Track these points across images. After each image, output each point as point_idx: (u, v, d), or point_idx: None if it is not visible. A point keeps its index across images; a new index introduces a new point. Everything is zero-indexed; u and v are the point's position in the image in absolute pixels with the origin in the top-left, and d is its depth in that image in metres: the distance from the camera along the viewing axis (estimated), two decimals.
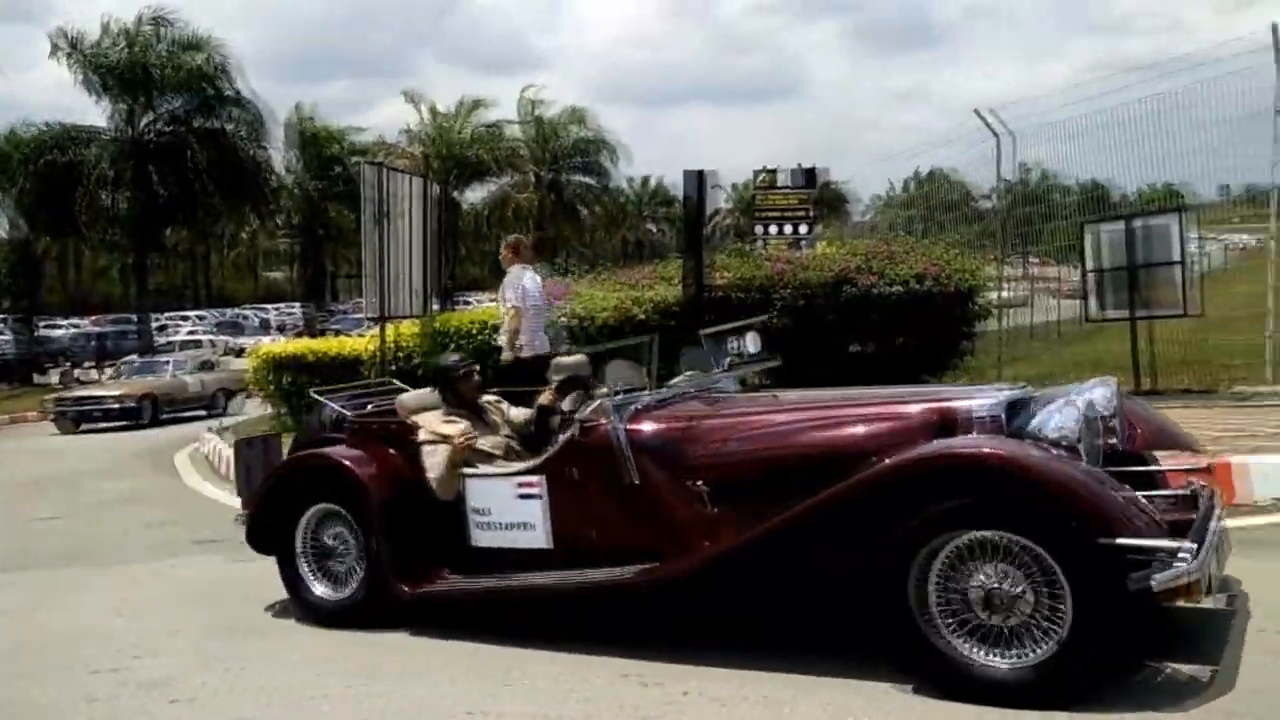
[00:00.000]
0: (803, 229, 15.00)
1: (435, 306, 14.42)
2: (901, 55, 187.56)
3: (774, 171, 15.54)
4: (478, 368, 5.65)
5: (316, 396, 5.95)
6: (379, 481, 4.98)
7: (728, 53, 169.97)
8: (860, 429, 4.07)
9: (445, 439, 4.89)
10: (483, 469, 4.86)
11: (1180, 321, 11.39)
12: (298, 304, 50.44)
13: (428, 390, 5.56)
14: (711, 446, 4.29)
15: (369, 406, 5.83)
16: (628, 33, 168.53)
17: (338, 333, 27.31)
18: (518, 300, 8.66)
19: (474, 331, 11.40)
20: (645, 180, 72.33)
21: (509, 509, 4.69)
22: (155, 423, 19.78)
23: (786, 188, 15.42)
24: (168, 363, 22.90)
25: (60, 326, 47.00)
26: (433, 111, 40.41)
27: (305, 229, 41.63)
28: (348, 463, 5.09)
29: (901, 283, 10.18)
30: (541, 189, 44.24)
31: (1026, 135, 13.04)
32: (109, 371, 25.15)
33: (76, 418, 19.98)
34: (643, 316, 10.31)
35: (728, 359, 5.24)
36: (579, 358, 5.31)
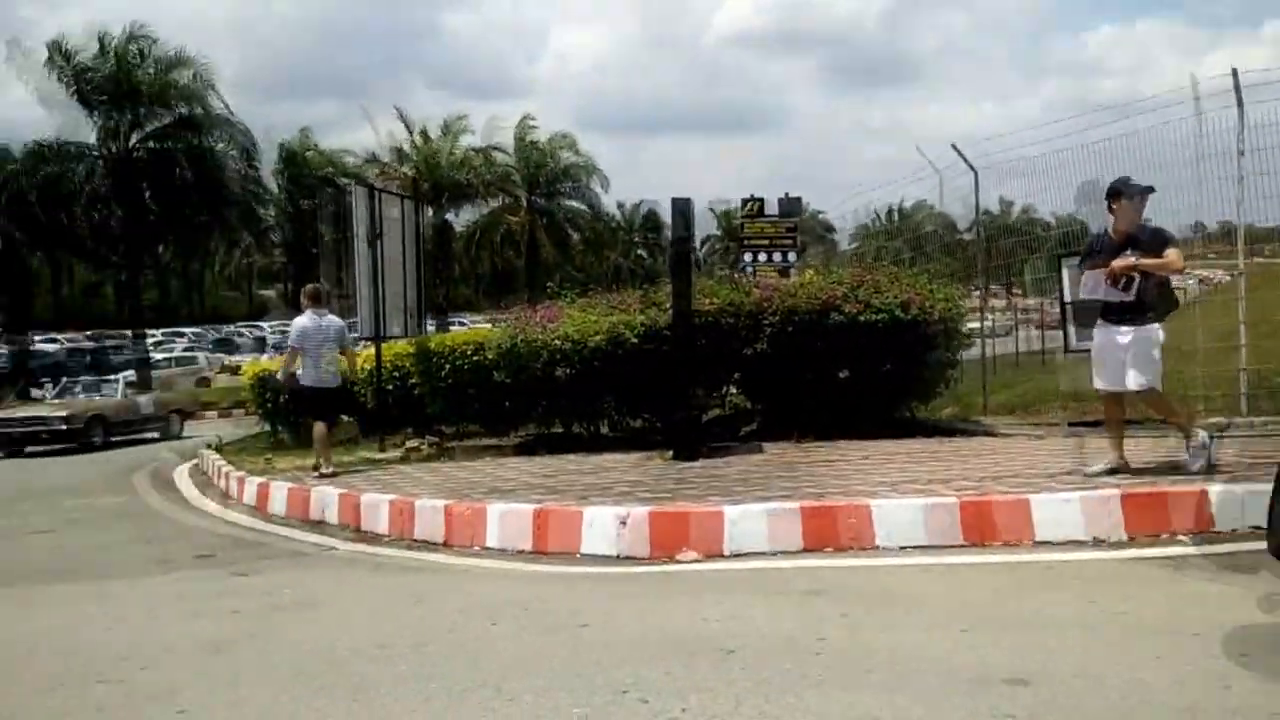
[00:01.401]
0: (791, 256, 15.16)
1: (431, 326, 14.49)
2: (876, 90, 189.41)
3: (761, 200, 15.73)
4: None
5: None
6: None
7: (710, 84, 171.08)
8: None
9: None
10: None
11: None
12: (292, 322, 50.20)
13: None
14: None
15: None
16: (609, 62, 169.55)
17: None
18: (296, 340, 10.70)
19: (468, 353, 11.45)
20: (636, 206, 72.73)
21: None
22: (107, 445, 18.66)
23: (773, 216, 15.60)
24: (116, 380, 21.56)
25: (56, 341, 46.73)
26: (424, 136, 40.57)
27: (296, 247, 41.65)
28: None
29: (886, 310, 10.31)
30: (532, 212, 44.45)
31: (1002, 170, 13.17)
32: (49, 390, 23.43)
33: (20, 439, 18.40)
34: (633, 340, 10.41)
35: None
36: None
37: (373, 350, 12.26)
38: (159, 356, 37.38)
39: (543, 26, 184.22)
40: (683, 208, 9.55)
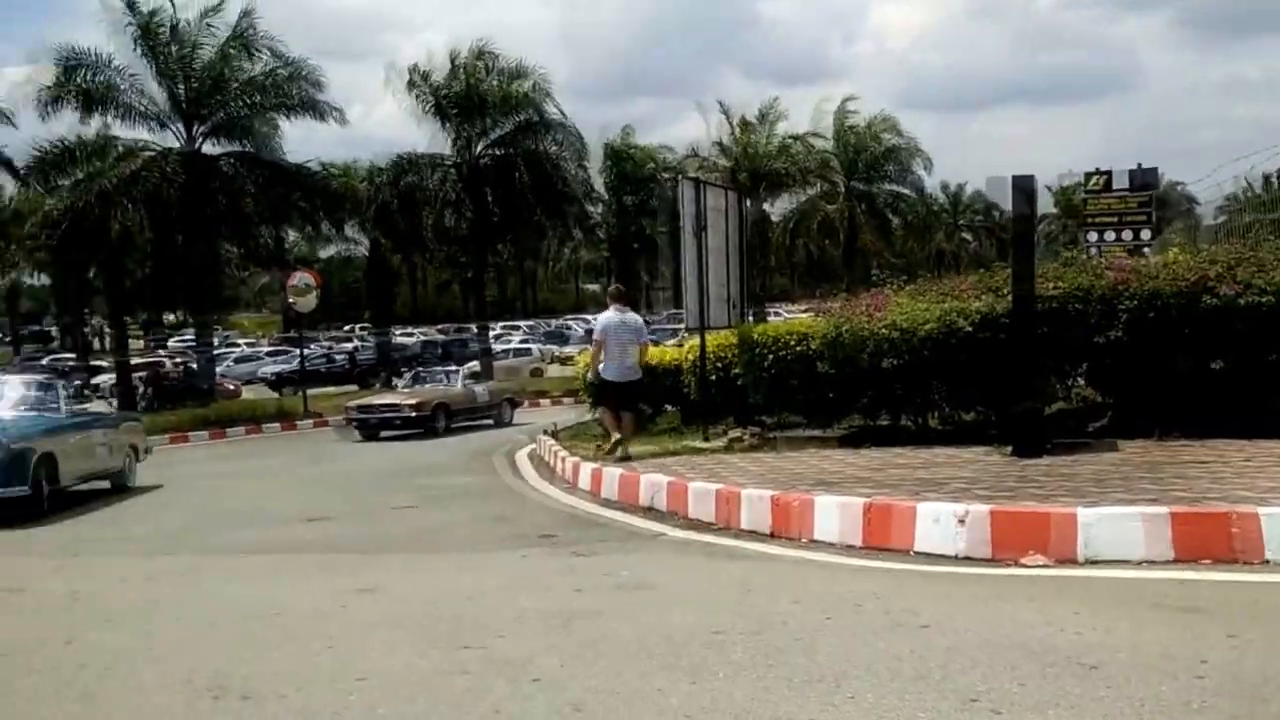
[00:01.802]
0: (1145, 234, 13.88)
1: (750, 317, 14.60)
2: (1248, 40, 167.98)
3: (1108, 174, 14.53)
4: None
5: None
6: None
7: (1040, 50, 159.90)
8: None
9: None
10: None
11: None
12: None
13: None
14: None
15: None
16: (931, 37, 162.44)
17: (655, 343, 28.21)
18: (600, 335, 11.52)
19: (791, 343, 11.40)
20: (961, 187, 69.80)
21: None
22: (448, 431, 20.16)
23: (1123, 190, 14.37)
24: (455, 372, 23.26)
25: (411, 335, 51.72)
26: (741, 126, 40.95)
27: (618, 242, 43.52)
28: None
29: (1273, 292, 9.12)
30: (850, 199, 43.76)
31: None
32: (400, 381, 25.50)
33: (376, 425, 20.29)
34: (968, 329, 9.92)
35: None
36: None
37: (691, 343, 12.52)
38: (498, 348, 40.37)
39: (861, 5, 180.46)
40: (1025, 185, 8.96)
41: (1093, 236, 14.31)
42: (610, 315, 11.57)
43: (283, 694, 4.39)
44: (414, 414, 19.92)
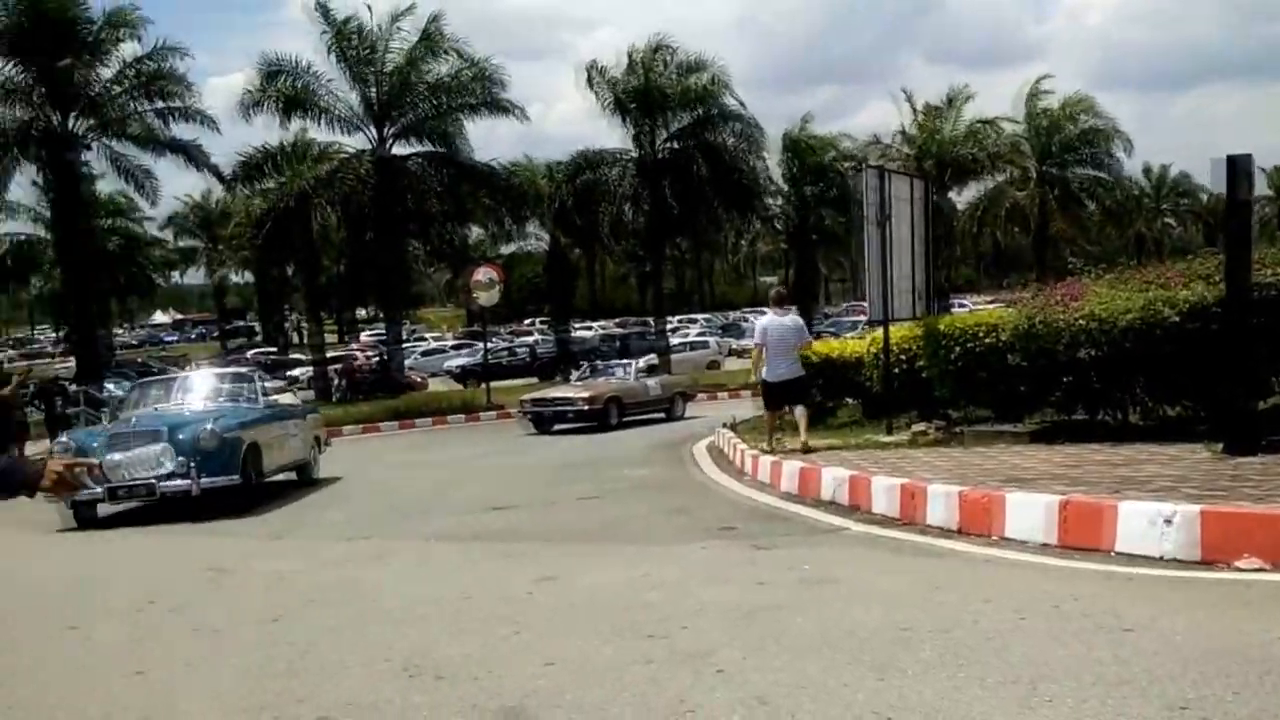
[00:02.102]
0: None
1: (935, 308, 14.22)
2: None
3: None
4: None
5: None
6: None
7: (1255, 20, 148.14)
8: None
9: None
10: None
11: None
12: (793, 308, 52.07)
13: None
14: None
15: None
16: (1132, 10, 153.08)
17: (834, 335, 27.89)
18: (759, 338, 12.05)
19: (980, 334, 11.05)
20: (1164, 170, 65.60)
21: None
22: (620, 425, 20.26)
23: None
24: (628, 366, 23.38)
25: (590, 329, 52.66)
26: (926, 111, 39.79)
27: (796, 234, 42.98)
28: None
29: None
30: (1042, 184, 41.89)
31: None
32: (574, 374, 25.87)
33: (550, 418, 20.55)
34: (1175, 319, 9.36)
35: None
36: None
37: (873, 335, 12.31)
38: (675, 341, 40.65)
39: None
40: (1243, 165, 8.37)
41: None
42: (770, 318, 11.97)
43: (475, 676, 4.60)
44: (586, 407, 20.15)
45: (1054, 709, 3.74)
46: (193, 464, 10.95)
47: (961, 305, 36.29)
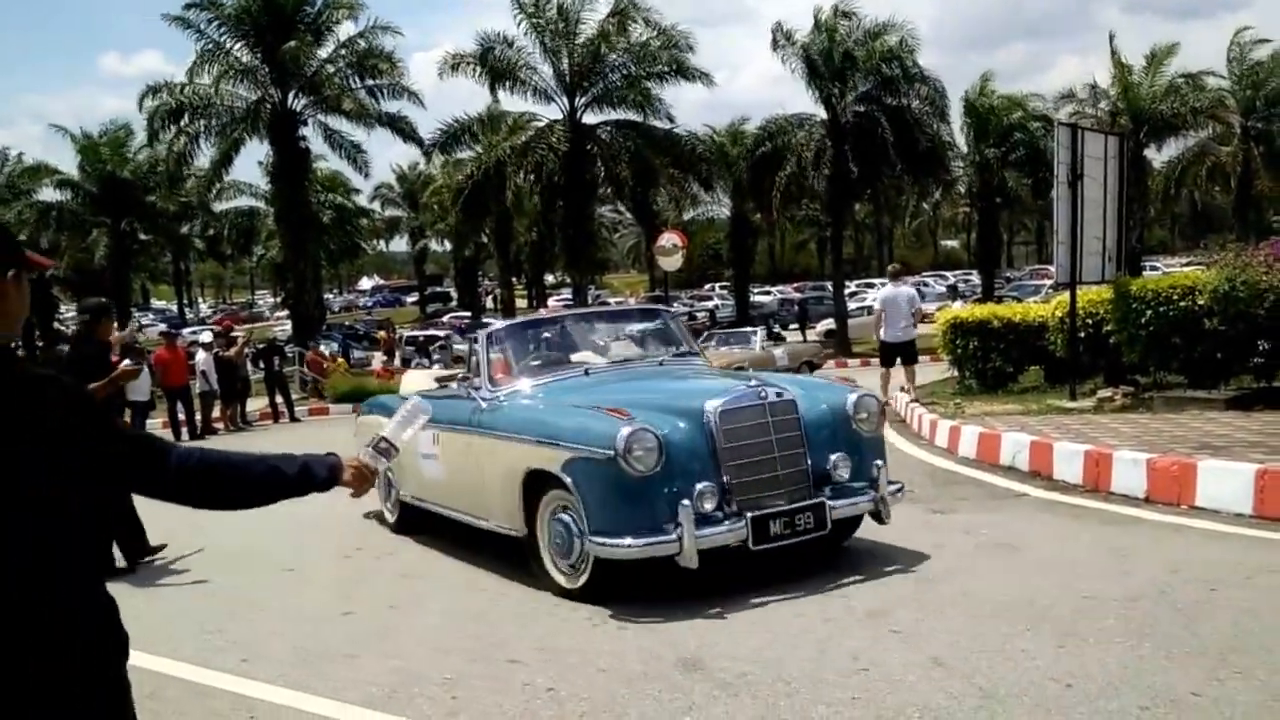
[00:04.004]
0: None
1: (1126, 271, 13.39)
2: None
3: None
4: None
5: None
6: None
7: None
8: None
9: None
10: None
11: None
12: (974, 271, 50.21)
13: None
14: None
15: None
16: None
17: (1017, 299, 26.71)
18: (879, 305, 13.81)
19: (1174, 297, 10.36)
20: None
21: None
22: None
23: None
24: (754, 333, 22.21)
25: (769, 293, 52.39)
26: (1121, 65, 37.08)
27: (981, 196, 41.13)
28: None
29: None
30: (1247, 140, 38.53)
31: None
32: (709, 342, 22.91)
33: None
34: None
35: None
36: None
37: (1059, 299, 11.73)
38: (853, 306, 39.86)
39: None
40: None
41: None
42: (888, 289, 14.10)
43: (654, 625, 4.70)
44: None
45: (1244, 681, 3.55)
46: None
47: (1154, 268, 33.95)
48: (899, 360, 13.51)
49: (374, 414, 8.16)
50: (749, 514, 5.04)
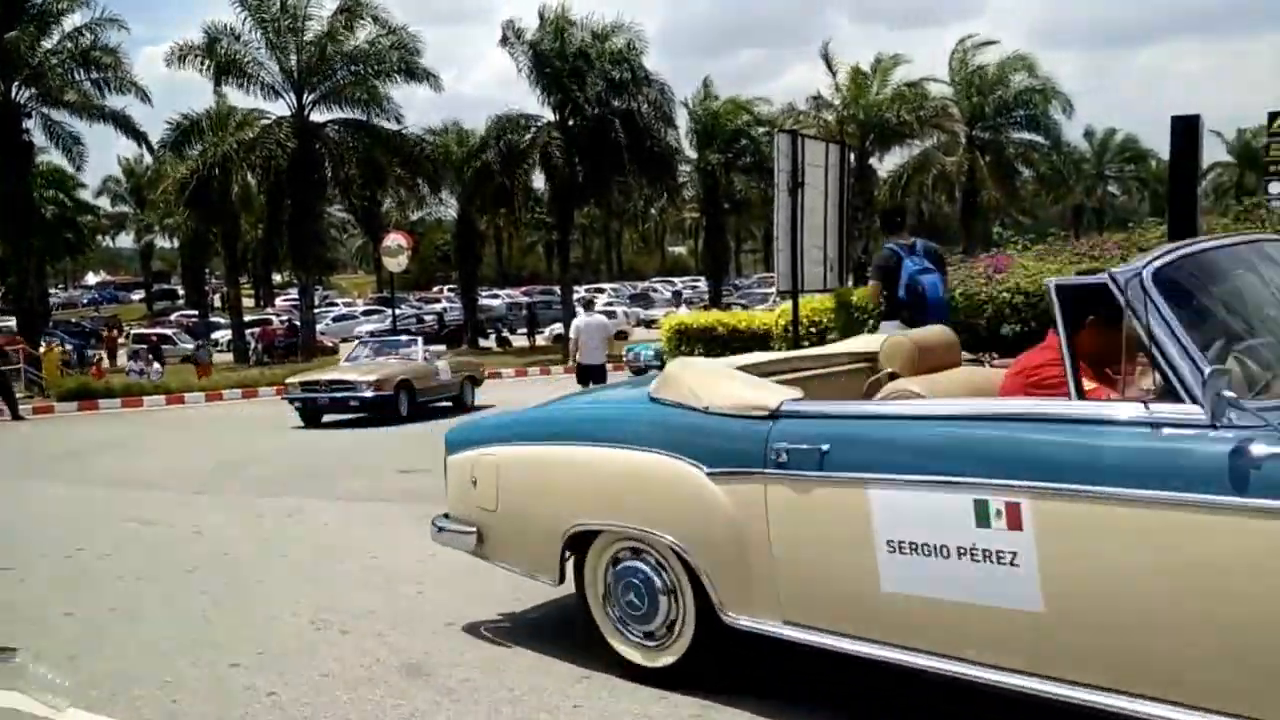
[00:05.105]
0: None
1: (849, 281, 13.66)
2: None
3: None
4: None
5: None
6: None
7: None
8: None
9: None
10: None
11: None
12: (702, 278, 51.89)
13: None
14: None
15: None
16: None
17: (744, 307, 27.36)
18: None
19: None
20: (1108, 134, 64.65)
21: None
22: (410, 417, 16.69)
23: None
24: (413, 343, 19.41)
25: (497, 297, 52.11)
26: (854, 72, 39.17)
27: (708, 202, 42.36)
28: None
29: None
30: (972, 149, 41.56)
31: None
32: (362, 350, 20.28)
33: (326, 406, 16.84)
34: None
35: None
36: None
37: (783, 307, 11.70)
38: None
39: None
40: (1189, 124, 7.77)
41: (1275, 188, 12.86)
42: (583, 317, 15.86)
43: (378, 631, 5.09)
44: (373, 393, 16.87)
45: None
46: None
47: None
48: (590, 382, 14.82)
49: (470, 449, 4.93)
50: None
